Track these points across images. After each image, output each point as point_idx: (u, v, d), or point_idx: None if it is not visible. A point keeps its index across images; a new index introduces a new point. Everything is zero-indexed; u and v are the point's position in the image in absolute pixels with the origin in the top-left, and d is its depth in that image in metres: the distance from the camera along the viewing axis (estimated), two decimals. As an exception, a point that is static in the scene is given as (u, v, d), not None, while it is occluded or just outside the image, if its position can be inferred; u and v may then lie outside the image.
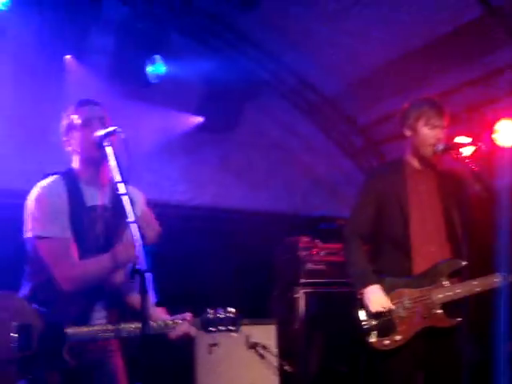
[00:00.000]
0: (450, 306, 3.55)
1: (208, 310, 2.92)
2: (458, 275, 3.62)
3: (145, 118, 6.02)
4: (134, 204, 2.73)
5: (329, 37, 6.33)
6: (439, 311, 3.53)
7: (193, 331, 2.88)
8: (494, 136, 5.96)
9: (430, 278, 3.58)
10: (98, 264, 2.86)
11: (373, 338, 3.52)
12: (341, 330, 5.35)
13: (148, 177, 6.11)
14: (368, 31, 6.20)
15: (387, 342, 3.51)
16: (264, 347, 5.25)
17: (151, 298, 2.39)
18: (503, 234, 3.57)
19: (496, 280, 3.54)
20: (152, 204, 3.22)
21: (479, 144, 3.93)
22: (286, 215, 6.99)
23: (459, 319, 3.55)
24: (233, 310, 2.91)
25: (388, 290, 3.59)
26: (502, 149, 5.92)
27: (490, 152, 5.98)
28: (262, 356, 5.26)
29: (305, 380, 5.57)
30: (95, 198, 3.02)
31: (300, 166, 7.34)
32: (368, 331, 3.54)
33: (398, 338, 3.50)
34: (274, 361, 5.27)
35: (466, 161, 3.66)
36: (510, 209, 3.74)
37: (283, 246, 6.14)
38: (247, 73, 6.51)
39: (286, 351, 5.45)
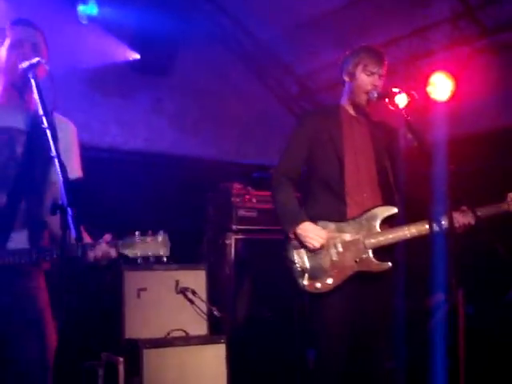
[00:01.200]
0: (381, 252, 3.58)
1: (136, 232, 2.70)
2: (389, 222, 3.66)
3: (75, 51, 5.80)
4: (60, 136, 2.62)
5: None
6: (371, 256, 3.56)
7: (113, 252, 2.68)
8: (428, 89, 6.01)
9: (363, 222, 3.59)
10: None
11: (305, 281, 3.50)
12: (270, 277, 5.41)
13: (78, 117, 5.92)
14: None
15: (319, 285, 3.50)
16: (193, 292, 5.23)
17: (72, 233, 2.30)
18: (437, 186, 3.62)
19: (426, 227, 3.58)
20: (82, 147, 3.11)
21: (412, 93, 3.92)
22: (220, 162, 6.94)
23: (390, 264, 3.59)
24: (162, 235, 2.69)
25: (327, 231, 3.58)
26: (436, 102, 5.99)
27: (424, 104, 6.05)
28: (191, 301, 5.24)
29: (233, 325, 5.60)
30: (10, 119, 2.88)
31: (234, 113, 7.27)
32: (301, 273, 3.52)
33: (329, 281, 3.50)
34: (203, 306, 5.27)
35: (400, 110, 3.66)
36: (443, 161, 3.78)
37: (216, 192, 6.11)
38: (183, 16, 6.35)
39: (215, 297, 5.46)
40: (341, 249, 3.55)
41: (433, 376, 4.09)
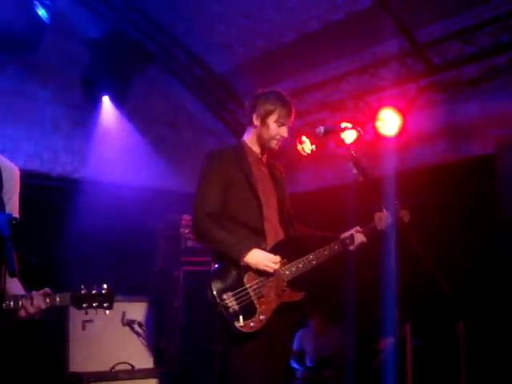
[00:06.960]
0: (294, 281, 3.61)
1: (82, 286, 2.78)
2: (294, 253, 3.69)
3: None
4: (5, 179, 2.65)
5: (221, 14, 6.29)
6: (288, 287, 3.58)
7: (42, 305, 2.66)
8: (377, 124, 6.10)
9: (277, 255, 3.61)
10: None
11: (241, 322, 3.37)
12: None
13: (28, 147, 5.92)
14: (261, 13, 6.21)
15: (253, 324, 3.41)
16: (140, 324, 5.19)
17: (9, 265, 2.27)
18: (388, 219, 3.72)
19: (326, 253, 3.67)
20: (32, 176, 3.08)
21: (358, 129, 3.99)
22: (170, 192, 6.91)
23: (303, 293, 3.62)
24: (105, 286, 2.81)
25: (246, 270, 3.57)
26: (385, 137, 6.09)
27: (372, 139, 6.15)
28: (137, 333, 5.19)
29: (180, 358, 5.55)
30: None
31: (187, 143, 7.30)
32: (235, 316, 3.39)
33: (261, 317, 3.43)
34: (149, 339, 5.22)
35: (346, 145, 3.73)
36: (392, 195, 3.85)
37: (165, 223, 6.08)
38: (136, 44, 6.38)
39: (162, 329, 5.42)
40: (265, 283, 3.52)
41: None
